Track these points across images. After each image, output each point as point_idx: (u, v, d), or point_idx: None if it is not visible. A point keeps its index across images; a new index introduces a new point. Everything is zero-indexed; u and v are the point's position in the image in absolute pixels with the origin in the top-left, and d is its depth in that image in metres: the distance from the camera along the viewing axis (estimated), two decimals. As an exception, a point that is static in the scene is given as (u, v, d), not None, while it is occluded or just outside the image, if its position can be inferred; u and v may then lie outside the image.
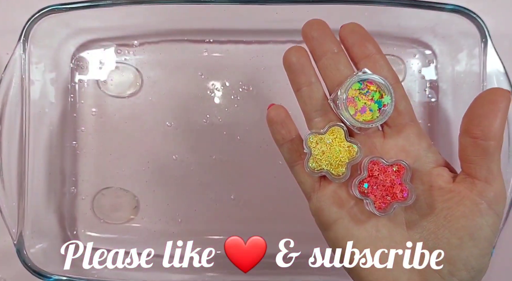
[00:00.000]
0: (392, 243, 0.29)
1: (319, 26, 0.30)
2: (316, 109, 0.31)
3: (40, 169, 0.40)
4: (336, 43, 0.31)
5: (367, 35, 0.31)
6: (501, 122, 0.26)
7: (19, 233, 0.36)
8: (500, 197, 0.27)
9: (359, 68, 0.30)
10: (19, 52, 0.37)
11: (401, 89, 0.30)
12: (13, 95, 0.37)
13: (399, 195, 0.29)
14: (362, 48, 0.30)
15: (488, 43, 0.37)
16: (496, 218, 0.27)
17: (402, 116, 0.30)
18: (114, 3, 0.37)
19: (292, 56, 0.30)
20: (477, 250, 0.27)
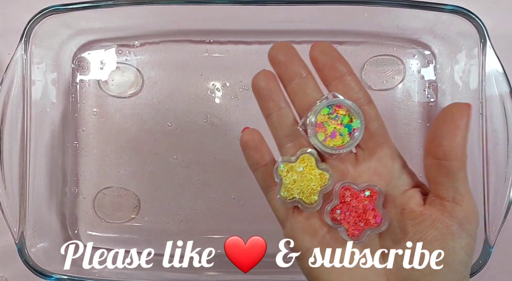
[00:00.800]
0: (367, 271, 0.29)
1: (285, 50, 0.30)
2: (286, 135, 0.30)
3: (42, 169, 0.40)
4: (303, 67, 0.30)
5: (337, 56, 0.30)
6: (461, 141, 0.26)
7: (21, 232, 0.37)
8: (471, 217, 0.27)
9: (330, 90, 0.29)
10: (20, 53, 0.37)
11: (374, 110, 0.29)
12: (14, 95, 0.37)
13: (372, 220, 0.28)
14: (333, 70, 0.29)
15: (487, 43, 0.37)
16: (469, 239, 0.27)
17: (375, 138, 0.29)
18: (115, 3, 0.37)
19: (260, 81, 0.30)
20: (452, 274, 0.26)
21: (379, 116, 0.29)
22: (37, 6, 0.37)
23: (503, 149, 0.37)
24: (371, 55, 0.43)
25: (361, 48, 0.43)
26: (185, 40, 0.43)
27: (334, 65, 0.29)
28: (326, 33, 0.43)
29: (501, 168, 0.37)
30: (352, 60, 0.43)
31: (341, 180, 0.29)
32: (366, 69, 0.43)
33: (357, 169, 0.30)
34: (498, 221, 0.37)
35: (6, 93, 0.37)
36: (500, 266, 0.42)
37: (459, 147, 0.26)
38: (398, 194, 0.29)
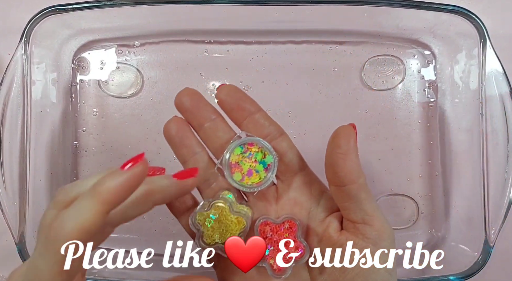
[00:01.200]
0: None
1: (190, 96, 0.30)
2: (206, 180, 0.30)
3: (42, 169, 0.40)
4: (212, 111, 0.30)
5: (242, 96, 0.30)
6: (353, 164, 0.26)
7: (21, 232, 0.37)
8: (384, 234, 0.27)
9: (242, 129, 0.30)
10: (20, 53, 0.37)
11: (286, 141, 0.30)
12: (14, 95, 0.37)
13: (294, 253, 0.28)
14: (240, 111, 0.30)
15: (487, 43, 0.37)
16: (386, 256, 0.27)
17: (290, 168, 0.30)
18: (115, 3, 0.37)
19: (171, 129, 0.30)
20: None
21: (292, 146, 0.30)
22: (37, 6, 0.37)
23: (503, 149, 0.37)
24: (371, 55, 0.43)
25: (361, 48, 0.43)
26: (185, 40, 0.43)
27: (240, 106, 0.30)
28: (326, 33, 0.43)
29: (501, 168, 0.37)
30: (352, 60, 0.43)
31: (264, 214, 0.30)
32: (366, 69, 0.43)
33: (279, 202, 0.30)
34: (498, 221, 0.37)
35: (6, 93, 0.37)
36: (500, 266, 0.42)
37: (352, 171, 0.26)
38: (318, 222, 0.29)
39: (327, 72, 0.43)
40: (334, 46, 0.43)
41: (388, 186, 0.43)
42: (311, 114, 0.43)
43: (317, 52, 0.43)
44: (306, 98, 0.43)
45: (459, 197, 0.42)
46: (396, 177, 0.43)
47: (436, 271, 0.39)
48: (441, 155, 0.43)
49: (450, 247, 0.41)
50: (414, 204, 0.43)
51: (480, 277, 0.37)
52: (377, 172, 0.43)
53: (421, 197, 0.43)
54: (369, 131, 0.43)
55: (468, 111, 0.40)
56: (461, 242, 0.40)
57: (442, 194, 0.43)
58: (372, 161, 0.43)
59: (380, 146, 0.43)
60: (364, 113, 0.43)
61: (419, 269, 0.41)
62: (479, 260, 0.37)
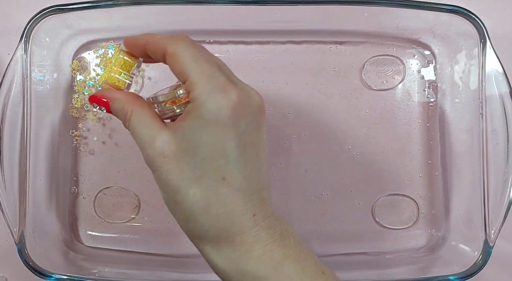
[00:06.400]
0: None
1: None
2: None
3: (42, 169, 0.40)
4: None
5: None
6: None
7: (21, 232, 0.37)
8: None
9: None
10: (20, 53, 0.37)
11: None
12: (14, 95, 0.37)
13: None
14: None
15: (487, 43, 0.37)
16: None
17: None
18: (115, 3, 0.37)
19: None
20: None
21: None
22: (37, 6, 0.37)
23: (503, 149, 0.37)
24: (371, 55, 0.43)
25: (361, 48, 0.43)
26: (185, 40, 0.43)
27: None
28: (326, 33, 0.43)
29: (501, 168, 0.37)
30: (352, 60, 0.43)
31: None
32: (366, 69, 0.43)
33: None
34: (498, 221, 0.37)
35: (6, 93, 0.36)
36: (500, 266, 0.42)
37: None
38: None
39: (327, 72, 0.43)
40: (334, 46, 0.43)
41: (388, 186, 0.43)
42: (311, 114, 0.43)
43: (317, 52, 0.43)
44: (306, 98, 0.43)
45: (459, 197, 0.42)
46: (396, 177, 0.43)
47: (436, 271, 0.39)
48: (441, 155, 0.43)
49: (450, 247, 0.41)
50: (414, 204, 0.43)
51: (480, 277, 0.37)
52: (377, 172, 0.43)
53: (421, 197, 0.43)
54: (369, 131, 0.43)
55: (468, 111, 0.40)
56: (461, 242, 0.40)
57: (442, 194, 0.43)
58: (372, 161, 0.43)
59: (380, 146, 0.43)
60: (364, 113, 0.43)
61: (419, 269, 0.41)
62: (479, 260, 0.37)
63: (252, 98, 0.27)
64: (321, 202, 0.43)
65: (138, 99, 0.29)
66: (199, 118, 0.25)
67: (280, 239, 0.27)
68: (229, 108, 0.25)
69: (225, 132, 0.25)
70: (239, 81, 0.28)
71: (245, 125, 0.26)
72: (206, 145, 0.25)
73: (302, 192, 0.43)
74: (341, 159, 0.43)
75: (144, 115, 0.28)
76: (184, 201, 0.26)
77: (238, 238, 0.26)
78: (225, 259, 0.27)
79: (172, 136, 0.26)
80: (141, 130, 0.27)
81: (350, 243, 0.43)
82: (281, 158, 0.43)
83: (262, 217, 0.27)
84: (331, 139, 0.43)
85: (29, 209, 0.38)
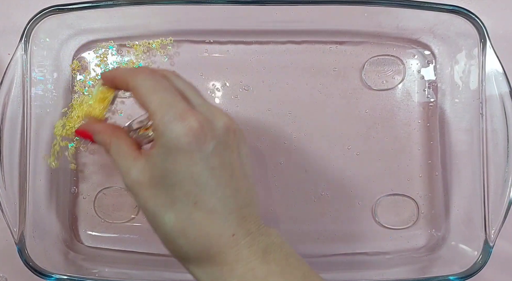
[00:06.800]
0: None
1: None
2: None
3: (41, 169, 0.40)
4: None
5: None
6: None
7: (21, 232, 0.37)
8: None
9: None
10: (20, 53, 0.37)
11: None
12: (14, 95, 0.37)
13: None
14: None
15: (487, 43, 0.37)
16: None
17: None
18: (115, 3, 0.37)
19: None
20: None
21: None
22: (37, 6, 0.37)
23: (503, 149, 0.37)
24: (371, 55, 0.43)
25: (361, 48, 0.43)
26: (185, 40, 0.43)
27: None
28: (326, 33, 0.43)
29: (501, 168, 0.37)
30: (352, 60, 0.43)
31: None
32: (366, 69, 0.43)
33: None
34: (498, 221, 0.37)
35: (6, 93, 0.37)
36: (500, 266, 0.42)
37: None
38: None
39: (327, 72, 0.43)
40: (334, 46, 0.43)
41: (388, 186, 0.43)
42: (311, 114, 0.43)
43: (317, 52, 0.43)
44: (306, 98, 0.43)
45: (459, 197, 0.42)
46: (396, 177, 0.43)
47: (436, 271, 0.39)
48: (441, 155, 0.43)
49: (450, 247, 0.41)
50: (414, 204, 0.43)
51: (480, 277, 0.37)
52: (377, 172, 0.43)
53: (421, 197, 0.43)
54: (369, 131, 0.43)
55: (468, 111, 0.40)
56: (461, 242, 0.40)
57: (442, 194, 0.43)
58: (372, 161, 0.43)
59: (380, 146, 0.43)
60: (364, 113, 0.43)
61: (419, 269, 0.41)
62: (479, 260, 0.37)
63: (216, 121, 0.27)
64: (321, 202, 0.43)
65: (117, 130, 0.30)
66: (162, 147, 0.26)
67: (263, 255, 0.27)
68: (189, 135, 0.25)
69: (188, 158, 0.26)
70: (204, 105, 0.29)
71: (210, 149, 0.26)
72: (172, 172, 0.26)
73: (302, 192, 0.43)
74: (341, 159, 0.43)
75: (121, 146, 0.29)
76: (161, 225, 0.27)
77: (219, 258, 0.26)
78: (209, 277, 0.27)
79: (145, 165, 0.27)
80: (119, 160, 0.28)
81: (350, 243, 0.43)
82: (281, 158, 0.43)
83: (243, 235, 0.27)
84: (331, 140, 0.43)
85: (29, 209, 0.38)
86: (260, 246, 0.27)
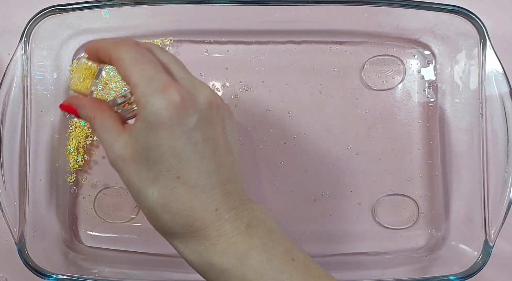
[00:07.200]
0: None
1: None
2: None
3: (41, 169, 0.40)
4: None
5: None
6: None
7: (21, 232, 0.37)
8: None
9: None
10: (20, 53, 0.37)
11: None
12: (14, 95, 0.37)
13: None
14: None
15: (487, 43, 0.37)
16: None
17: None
18: (115, 3, 0.37)
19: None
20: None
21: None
22: (37, 6, 0.37)
23: (503, 149, 0.37)
24: (371, 55, 0.43)
25: (361, 48, 0.43)
26: (185, 40, 0.43)
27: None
28: (326, 33, 0.43)
29: (501, 168, 0.37)
30: (352, 60, 0.43)
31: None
32: (366, 69, 0.43)
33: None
34: (498, 221, 0.37)
35: (6, 93, 0.37)
36: (500, 266, 0.42)
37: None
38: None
39: (327, 72, 0.43)
40: (334, 46, 0.43)
41: (388, 186, 0.43)
42: (311, 114, 0.43)
43: (317, 52, 0.43)
44: (306, 98, 0.43)
45: (459, 197, 0.42)
46: (396, 177, 0.43)
47: (436, 271, 0.39)
48: (441, 155, 0.43)
49: (450, 247, 0.41)
50: (414, 204, 0.43)
51: (480, 277, 0.37)
52: (377, 172, 0.43)
53: (421, 197, 0.43)
54: (369, 131, 0.43)
55: (468, 111, 0.40)
56: (461, 242, 0.40)
57: (442, 194, 0.43)
58: (372, 161, 0.43)
59: (380, 146, 0.43)
60: (364, 113, 0.43)
61: (419, 269, 0.41)
62: (479, 260, 0.37)
63: (199, 94, 0.27)
64: (321, 202, 0.43)
65: (101, 104, 0.30)
66: (144, 121, 0.25)
67: (246, 230, 0.27)
68: (169, 109, 0.25)
69: (170, 132, 0.25)
70: (188, 78, 0.28)
71: (193, 123, 0.26)
72: (154, 146, 0.25)
73: (302, 192, 0.43)
74: (341, 158, 0.43)
75: (105, 120, 0.28)
76: (145, 200, 0.27)
77: (203, 232, 0.27)
78: (192, 252, 0.27)
79: (128, 139, 0.27)
80: (103, 134, 0.28)
81: (350, 243, 0.43)
82: (281, 158, 0.43)
83: (226, 210, 0.27)
84: (331, 139, 0.43)
85: (29, 209, 0.38)
86: (244, 221, 0.27)
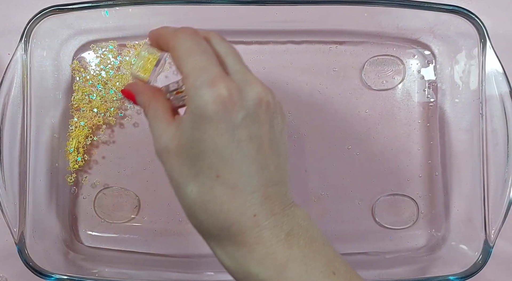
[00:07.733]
0: None
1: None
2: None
3: (41, 169, 0.40)
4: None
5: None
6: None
7: (21, 232, 0.37)
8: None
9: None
10: (20, 53, 0.37)
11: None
12: (14, 95, 0.37)
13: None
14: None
15: (487, 43, 0.37)
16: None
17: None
18: (115, 3, 0.37)
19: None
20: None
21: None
22: (37, 6, 0.37)
23: (503, 149, 0.37)
24: (371, 55, 0.43)
25: (361, 48, 0.43)
26: (185, 40, 0.43)
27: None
28: (326, 33, 0.43)
29: (501, 168, 0.37)
30: (352, 60, 0.43)
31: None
32: (366, 69, 0.43)
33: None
34: (498, 221, 0.37)
35: (6, 93, 0.37)
36: (500, 266, 0.42)
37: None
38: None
39: (327, 72, 0.43)
40: (334, 46, 0.43)
41: (388, 186, 0.43)
42: (311, 114, 0.43)
43: (317, 52, 0.43)
44: (306, 98, 0.43)
45: (459, 197, 0.42)
46: (396, 177, 0.43)
47: (436, 271, 0.39)
48: (441, 155, 0.43)
49: (450, 247, 0.41)
50: (414, 204, 0.43)
51: (480, 277, 0.37)
52: (377, 172, 0.43)
53: (421, 197, 0.43)
54: (369, 132, 0.43)
55: (468, 111, 0.40)
56: (461, 242, 0.40)
57: (442, 194, 0.43)
58: (372, 161, 0.43)
59: (380, 146, 0.43)
60: (364, 113, 0.43)
61: (419, 269, 0.41)
62: (479, 260, 0.37)
63: (248, 90, 0.26)
64: (321, 202, 0.43)
65: (156, 92, 0.29)
66: (191, 114, 0.25)
67: (286, 239, 0.25)
68: (216, 103, 0.24)
69: (214, 127, 0.24)
70: (241, 72, 0.27)
71: (239, 119, 0.24)
72: (198, 141, 0.25)
73: (302, 192, 0.43)
74: (341, 159, 0.43)
75: (158, 110, 0.27)
76: (184, 197, 0.26)
77: (240, 238, 0.25)
78: (229, 257, 0.26)
79: (175, 132, 0.26)
80: (154, 124, 0.27)
81: (350, 243, 0.43)
82: (281, 158, 0.43)
83: (265, 216, 0.25)
84: (331, 140, 0.43)
85: (29, 209, 0.38)
86: (284, 229, 0.25)
